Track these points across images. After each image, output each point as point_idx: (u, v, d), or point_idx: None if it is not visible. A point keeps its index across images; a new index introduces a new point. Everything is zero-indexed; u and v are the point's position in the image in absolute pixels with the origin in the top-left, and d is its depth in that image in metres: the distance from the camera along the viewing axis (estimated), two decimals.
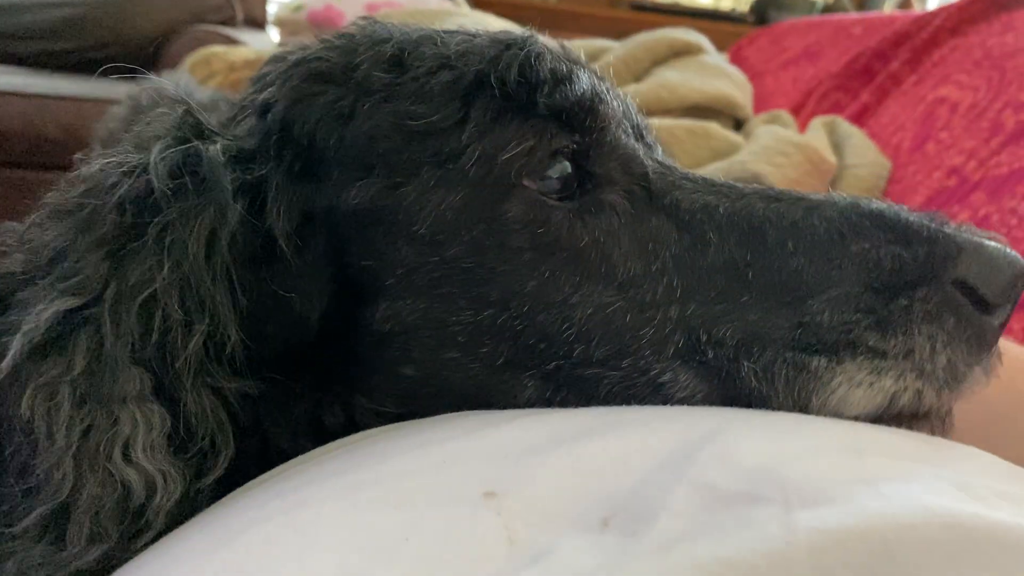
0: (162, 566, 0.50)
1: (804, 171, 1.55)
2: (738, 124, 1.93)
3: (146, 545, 0.55)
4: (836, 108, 1.98)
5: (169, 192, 0.59)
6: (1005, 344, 0.64)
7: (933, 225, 0.60)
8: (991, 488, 0.44)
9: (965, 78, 1.66)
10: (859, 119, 1.88)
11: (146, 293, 0.57)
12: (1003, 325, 0.60)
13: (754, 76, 2.28)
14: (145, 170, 0.59)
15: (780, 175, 1.51)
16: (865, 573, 0.37)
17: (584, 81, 0.64)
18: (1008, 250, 0.59)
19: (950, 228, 0.60)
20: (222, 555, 0.46)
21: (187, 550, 0.50)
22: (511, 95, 0.62)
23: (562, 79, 0.63)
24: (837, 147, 1.70)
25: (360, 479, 0.49)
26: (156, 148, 0.61)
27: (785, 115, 1.89)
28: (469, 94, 0.62)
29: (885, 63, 1.95)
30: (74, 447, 0.54)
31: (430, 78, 0.63)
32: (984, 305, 0.58)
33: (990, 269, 0.58)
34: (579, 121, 0.64)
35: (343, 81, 0.65)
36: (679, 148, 1.61)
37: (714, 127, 1.71)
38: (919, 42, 1.89)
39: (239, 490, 0.57)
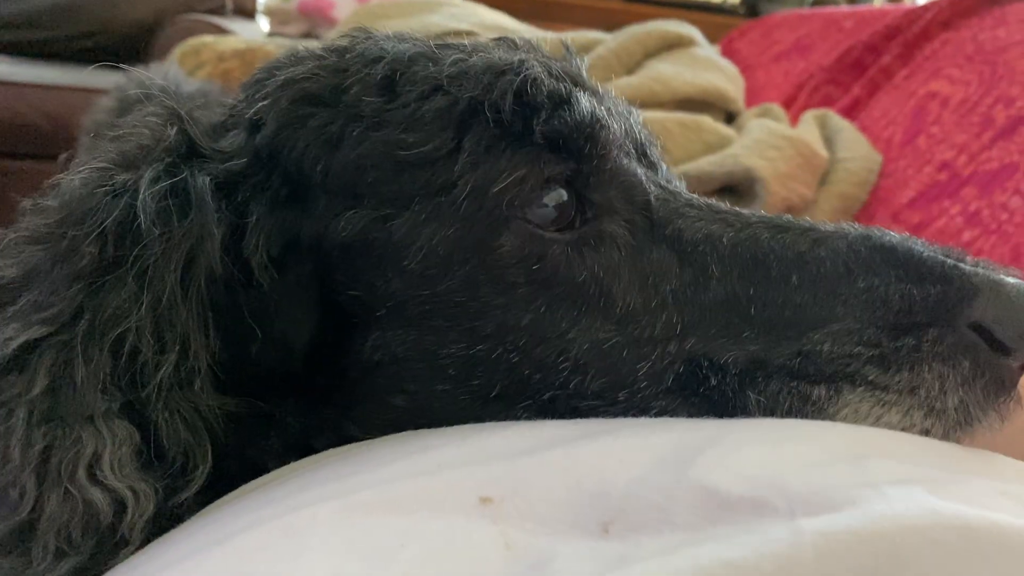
0: (154, 568, 0.50)
1: (796, 165, 1.55)
2: (730, 117, 1.93)
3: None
4: (827, 102, 1.98)
5: (155, 227, 0.57)
6: None
7: (949, 262, 0.58)
8: (996, 488, 0.44)
9: (956, 72, 1.66)
10: (850, 113, 1.88)
11: (122, 328, 0.56)
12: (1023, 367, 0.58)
13: (745, 69, 2.27)
14: (132, 196, 0.58)
15: (772, 169, 1.51)
16: None
17: (583, 105, 0.62)
18: None
19: (966, 265, 0.58)
20: (215, 558, 0.45)
21: (179, 553, 0.50)
22: (506, 123, 0.60)
23: (560, 103, 0.62)
24: (828, 141, 1.70)
25: (356, 484, 0.48)
26: (146, 177, 0.59)
27: (777, 109, 1.89)
28: (463, 123, 0.60)
29: (876, 57, 1.95)
30: (32, 465, 0.53)
31: (422, 103, 0.61)
32: (1002, 347, 0.56)
33: (1008, 311, 0.56)
34: (577, 148, 0.62)
35: (332, 103, 0.64)
36: (671, 142, 1.61)
37: (706, 120, 1.71)
38: (911, 36, 1.88)
39: (232, 494, 0.56)
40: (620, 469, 0.45)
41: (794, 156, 1.56)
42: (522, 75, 0.61)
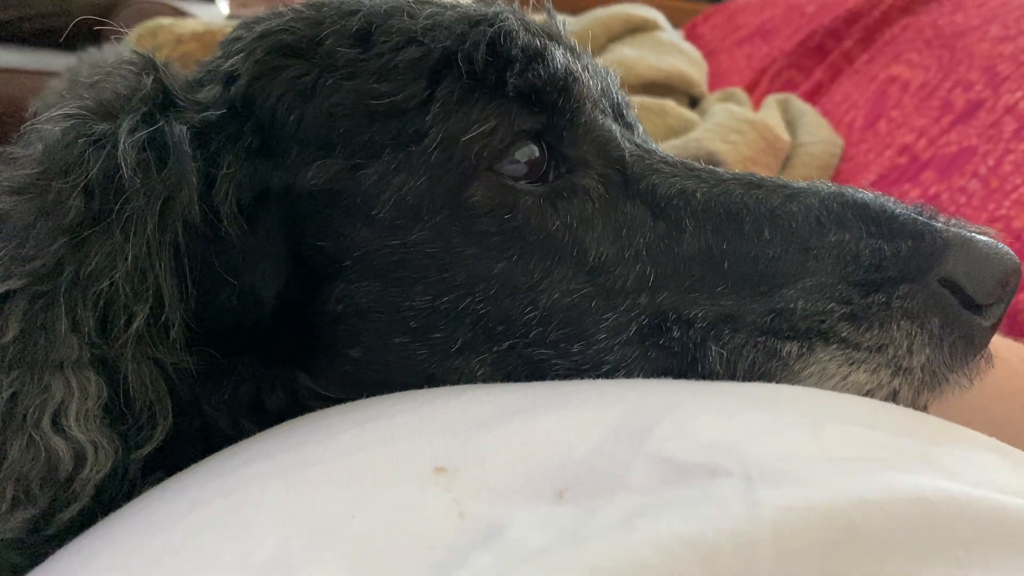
0: (100, 549, 0.48)
1: (758, 148, 1.56)
2: (693, 101, 1.93)
3: (73, 518, 0.54)
4: (790, 86, 1.99)
5: (136, 177, 0.57)
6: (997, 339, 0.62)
7: (920, 219, 0.58)
8: (955, 457, 0.44)
9: (916, 57, 1.67)
10: (812, 97, 1.89)
11: (106, 281, 0.56)
12: (995, 325, 0.57)
13: (709, 54, 2.28)
14: (112, 146, 0.58)
15: (734, 152, 1.51)
16: (831, 553, 0.36)
17: (558, 59, 0.62)
18: (999, 246, 0.57)
19: (939, 222, 0.58)
20: (161, 538, 0.44)
21: (126, 533, 0.48)
22: (479, 75, 0.60)
23: (534, 57, 0.61)
24: (791, 125, 1.71)
25: (305, 456, 0.47)
26: (125, 126, 0.58)
27: (740, 93, 1.89)
28: (435, 73, 0.60)
29: (838, 41, 1.96)
30: None
31: (396, 54, 0.61)
32: (973, 305, 0.56)
33: (979, 267, 0.55)
34: (550, 101, 0.61)
35: (307, 55, 0.63)
36: None
37: (670, 104, 1.71)
38: (871, 20, 1.90)
39: (182, 472, 0.55)
40: (576, 440, 0.45)
41: (756, 140, 1.57)
42: (496, 26, 0.61)
